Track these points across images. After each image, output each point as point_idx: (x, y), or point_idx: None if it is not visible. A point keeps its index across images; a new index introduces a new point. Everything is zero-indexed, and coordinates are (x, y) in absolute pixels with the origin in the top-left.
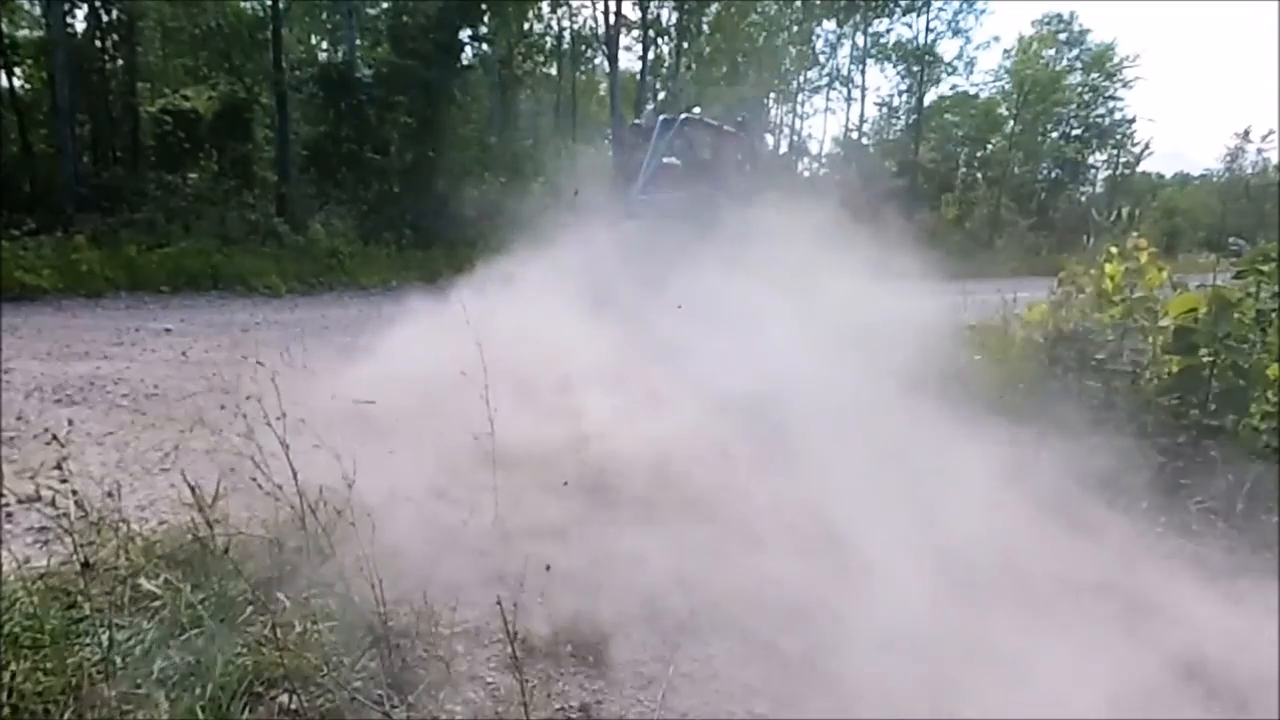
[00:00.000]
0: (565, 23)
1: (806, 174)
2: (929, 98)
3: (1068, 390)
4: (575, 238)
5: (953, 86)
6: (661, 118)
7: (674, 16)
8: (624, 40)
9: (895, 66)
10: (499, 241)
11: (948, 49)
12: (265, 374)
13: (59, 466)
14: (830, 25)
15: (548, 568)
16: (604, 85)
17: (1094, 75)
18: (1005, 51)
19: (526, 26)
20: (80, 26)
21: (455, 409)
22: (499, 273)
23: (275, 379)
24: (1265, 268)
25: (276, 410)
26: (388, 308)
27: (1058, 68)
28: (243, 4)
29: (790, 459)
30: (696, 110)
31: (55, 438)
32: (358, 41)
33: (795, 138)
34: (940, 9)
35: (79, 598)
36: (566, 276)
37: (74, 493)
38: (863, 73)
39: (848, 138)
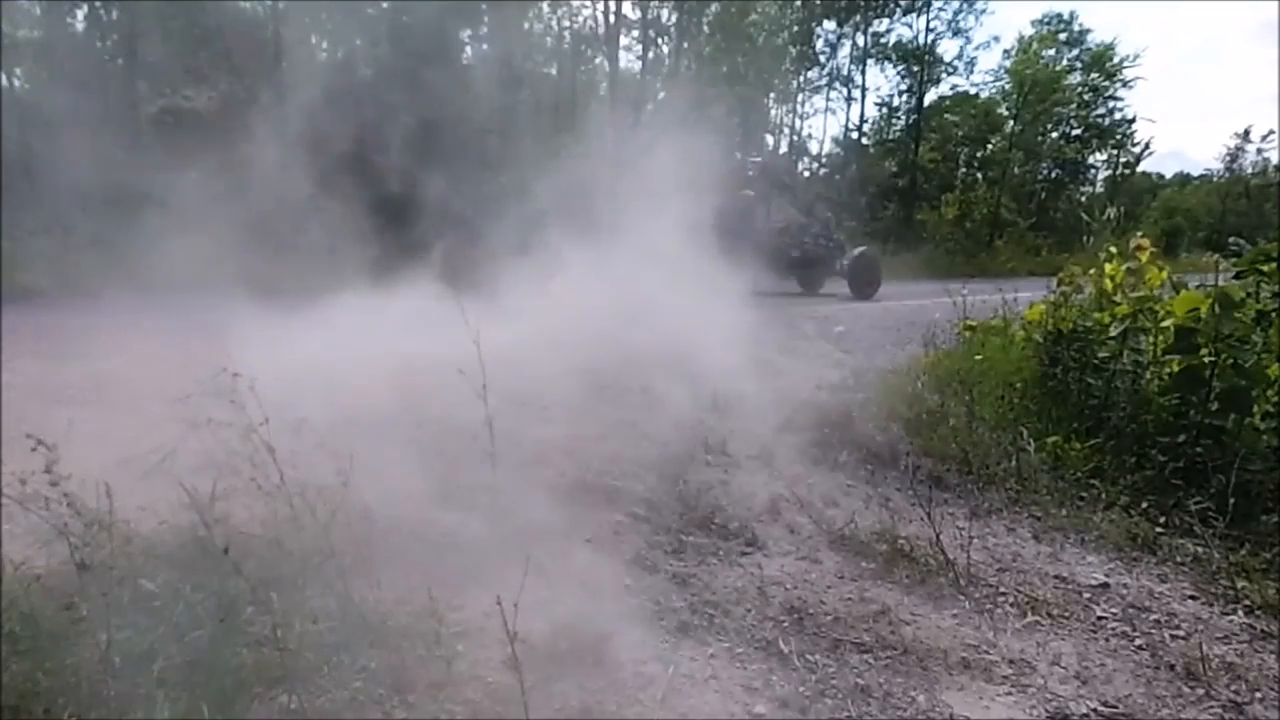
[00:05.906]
0: (565, 23)
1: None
2: (929, 98)
3: (1068, 389)
4: None
5: (953, 86)
6: None
7: (674, 16)
8: (624, 40)
9: (895, 66)
10: (501, 239)
11: (948, 49)
12: (262, 374)
13: (48, 470)
14: (830, 25)
15: None
16: (604, 85)
17: (1094, 75)
18: (1005, 51)
19: (526, 26)
20: (80, 26)
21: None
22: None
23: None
24: (1265, 268)
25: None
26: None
27: (1058, 68)
28: (243, 4)
29: None
30: None
31: (41, 442)
32: (357, 42)
33: (795, 138)
34: (940, 9)
35: (77, 599)
36: None
37: (65, 496)
38: (863, 73)
39: (848, 138)
